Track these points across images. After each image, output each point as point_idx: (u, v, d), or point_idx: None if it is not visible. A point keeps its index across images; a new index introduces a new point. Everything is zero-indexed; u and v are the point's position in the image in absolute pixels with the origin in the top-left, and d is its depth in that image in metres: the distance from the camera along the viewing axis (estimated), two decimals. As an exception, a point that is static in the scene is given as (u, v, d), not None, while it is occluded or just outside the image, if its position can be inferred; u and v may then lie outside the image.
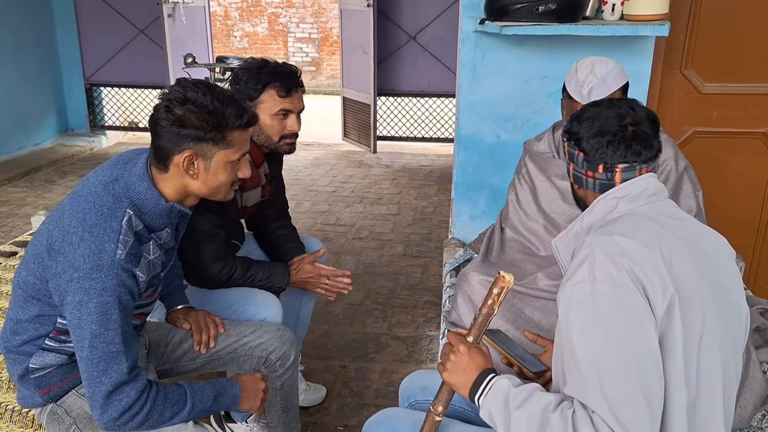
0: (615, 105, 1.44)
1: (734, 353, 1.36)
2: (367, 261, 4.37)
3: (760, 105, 2.89)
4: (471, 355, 1.44)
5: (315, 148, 7.44)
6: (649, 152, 1.40)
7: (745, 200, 3.02)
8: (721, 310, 1.32)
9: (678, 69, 2.87)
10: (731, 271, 1.40)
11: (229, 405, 1.85)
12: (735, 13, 2.78)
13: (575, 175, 1.49)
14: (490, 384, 1.38)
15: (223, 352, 2.12)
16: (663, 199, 1.42)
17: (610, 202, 1.41)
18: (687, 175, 2.22)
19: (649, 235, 1.30)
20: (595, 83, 2.07)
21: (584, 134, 1.43)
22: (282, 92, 2.23)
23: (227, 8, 12.35)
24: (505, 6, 2.50)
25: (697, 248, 1.34)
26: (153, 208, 1.67)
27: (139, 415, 1.63)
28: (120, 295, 1.58)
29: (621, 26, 2.47)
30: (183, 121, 1.61)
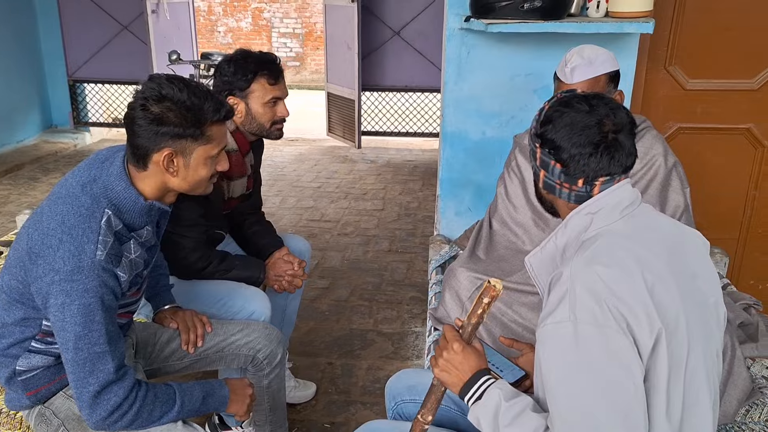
0: (595, 108, 1.31)
1: (717, 363, 1.35)
2: (352, 257, 4.37)
3: (743, 101, 2.91)
4: (465, 354, 1.40)
5: (300, 143, 7.43)
6: (630, 160, 1.33)
7: (728, 195, 3.04)
8: (704, 323, 1.31)
9: (662, 65, 2.89)
10: (708, 273, 1.38)
11: (217, 406, 1.85)
12: (718, 10, 2.80)
13: (547, 183, 1.39)
14: (483, 389, 1.35)
15: (211, 351, 2.11)
16: (638, 207, 1.36)
17: (585, 218, 1.33)
18: (675, 171, 2.23)
19: (629, 259, 1.24)
20: (580, 63, 2.05)
21: (563, 144, 1.32)
22: (272, 80, 2.27)
23: (211, 3, 12.29)
24: (491, 3, 2.49)
25: (676, 259, 1.30)
26: (132, 207, 1.65)
27: (128, 414, 1.62)
28: (102, 296, 1.57)
29: (606, 23, 2.48)
30: (161, 119, 1.59)
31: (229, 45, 12.31)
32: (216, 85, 2.29)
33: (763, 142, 2.94)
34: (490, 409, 1.31)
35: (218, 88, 2.27)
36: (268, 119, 2.31)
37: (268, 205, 5.30)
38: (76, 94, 7.41)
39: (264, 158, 6.88)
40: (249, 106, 2.28)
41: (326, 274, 4.11)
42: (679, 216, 2.18)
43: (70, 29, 7.14)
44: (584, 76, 2.05)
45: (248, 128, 2.32)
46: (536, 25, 2.46)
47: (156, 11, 6.78)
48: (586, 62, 2.04)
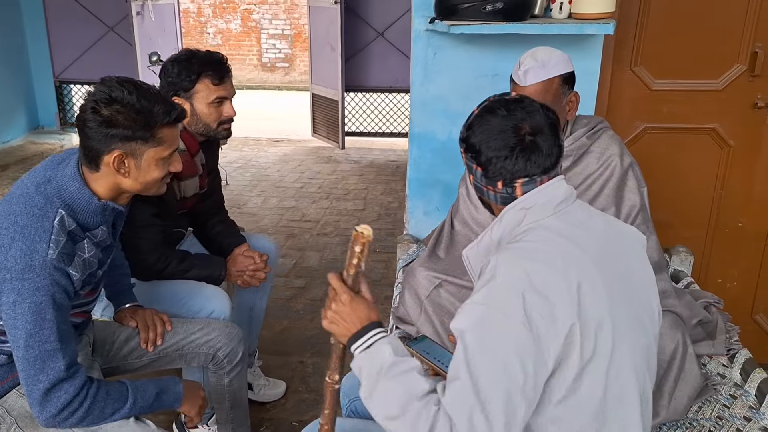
0: (511, 112, 1.36)
1: (649, 358, 1.38)
2: (330, 257, 4.40)
3: (709, 101, 2.94)
4: (353, 305, 1.40)
5: (284, 144, 7.45)
6: (549, 161, 1.36)
7: (695, 194, 3.07)
8: (634, 320, 1.34)
9: (628, 66, 2.91)
10: (643, 271, 1.42)
11: (171, 403, 1.88)
12: (683, 11, 2.82)
13: (475, 185, 1.45)
14: (372, 341, 1.36)
15: (171, 349, 2.13)
16: (572, 204, 1.39)
17: (518, 213, 1.37)
18: (632, 171, 2.25)
19: (556, 254, 1.28)
20: (533, 65, 2.08)
21: (481, 148, 1.37)
22: (216, 80, 2.28)
23: (200, 5, 12.31)
24: (454, 5, 2.52)
25: (607, 256, 1.34)
26: (86, 207, 1.68)
27: (78, 411, 1.65)
28: (54, 295, 1.60)
29: (567, 25, 2.50)
30: (111, 122, 1.62)
31: (218, 46, 12.31)
32: (162, 86, 2.31)
33: (728, 142, 2.97)
34: (377, 362, 1.32)
35: (164, 90, 2.29)
36: (213, 119, 2.33)
37: (250, 206, 5.33)
38: (62, 95, 7.43)
39: (248, 159, 6.93)
40: (194, 107, 2.30)
41: (303, 273, 4.13)
42: (635, 215, 2.21)
43: (57, 31, 7.16)
44: (537, 78, 2.08)
45: (194, 129, 2.34)
46: (498, 26, 2.49)
47: (141, 13, 6.78)
48: (539, 65, 2.07)
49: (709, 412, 2.01)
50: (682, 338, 2.00)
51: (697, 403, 2.04)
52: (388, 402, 1.27)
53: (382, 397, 1.29)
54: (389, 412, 1.27)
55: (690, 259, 2.87)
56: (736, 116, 2.94)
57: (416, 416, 1.22)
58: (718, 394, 2.08)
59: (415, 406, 1.23)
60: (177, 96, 2.28)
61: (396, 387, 1.28)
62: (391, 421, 1.27)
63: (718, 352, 2.23)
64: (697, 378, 1.98)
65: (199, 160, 2.43)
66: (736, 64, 2.88)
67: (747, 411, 2.00)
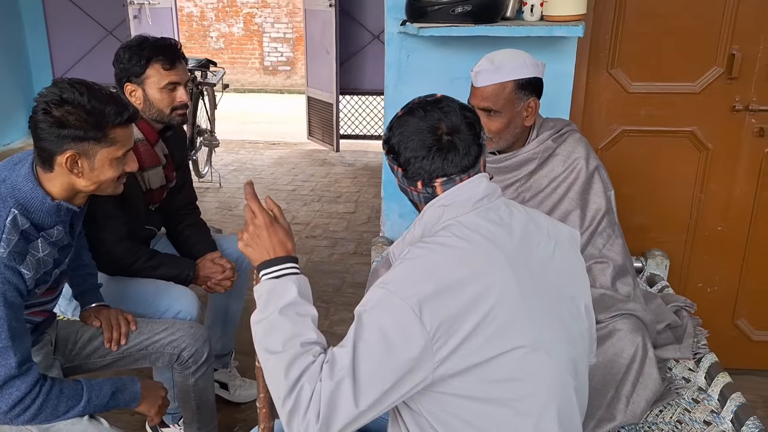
0: (428, 113, 1.39)
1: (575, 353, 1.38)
2: (316, 259, 4.40)
3: (686, 104, 2.92)
4: (270, 230, 1.42)
5: (280, 147, 7.47)
6: (467, 160, 1.38)
7: (674, 198, 3.05)
8: (551, 315, 1.35)
9: (605, 68, 2.89)
10: (570, 269, 1.44)
11: (128, 402, 1.89)
12: (659, 13, 2.80)
13: (400, 187, 1.47)
14: (282, 273, 1.38)
15: (134, 349, 2.15)
16: (495, 200, 1.41)
17: (437, 210, 1.39)
18: (598, 174, 2.24)
19: (469, 251, 1.30)
20: (486, 68, 2.09)
21: (400, 149, 1.40)
22: (167, 65, 2.27)
23: (203, 9, 12.35)
24: (423, 7, 2.52)
25: (524, 253, 1.36)
26: (39, 207, 1.71)
27: (30, 409, 1.67)
28: (5, 293, 1.62)
29: (536, 27, 2.49)
30: (62, 123, 1.64)
31: (221, 50, 12.36)
32: (115, 74, 2.31)
33: (707, 145, 2.95)
34: (279, 296, 1.35)
35: (117, 76, 2.30)
36: (166, 105, 2.32)
37: (241, 208, 5.34)
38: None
39: (243, 161, 6.95)
40: (146, 93, 2.29)
41: (289, 276, 4.12)
42: (600, 218, 2.20)
43: (56, 34, 7.21)
44: (487, 81, 2.08)
45: (149, 115, 2.34)
46: (467, 28, 2.48)
47: (138, 17, 6.81)
48: (494, 68, 2.07)
49: (669, 416, 2.00)
50: (642, 342, 1.98)
51: (657, 407, 2.03)
52: (274, 336, 1.30)
53: (270, 329, 1.32)
54: (271, 345, 1.30)
55: (666, 263, 2.87)
56: (715, 119, 2.92)
57: (292, 358, 1.26)
58: (680, 398, 2.07)
59: (295, 350, 1.27)
60: (129, 82, 2.29)
61: (286, 325, 1.31)
62: (268, 353, 1.30)
63: (684, 356, 2.22)
64: (657, 382, 1.97)
65: (161, 150, 2.43)
66: (714, 67, 2.85)
67: (708, 415, 1.99)
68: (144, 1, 6.71)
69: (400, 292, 1.24)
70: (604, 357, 1.98)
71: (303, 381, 1.23)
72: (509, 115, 2.11)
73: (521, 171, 2.25)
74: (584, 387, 1.46)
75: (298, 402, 1.22)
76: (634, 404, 1.95)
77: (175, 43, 2.35)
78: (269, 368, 1.29)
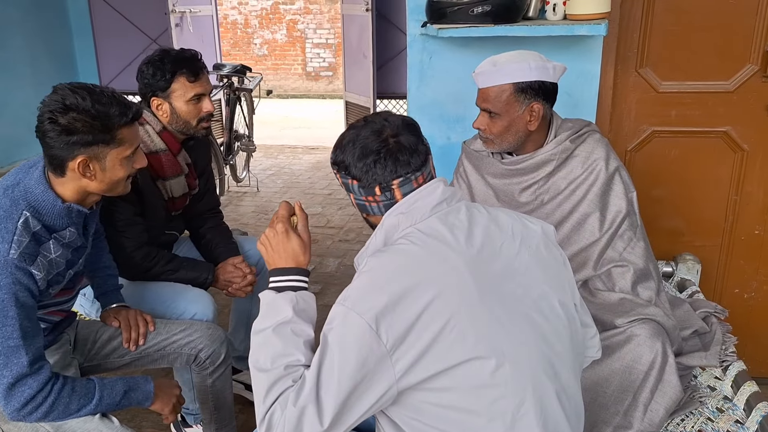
0: (369, 122, 1.41)
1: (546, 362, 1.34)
2: (348, 263, 4.39)
3: (720, 103, 2.83)
4: (284, 238, 1.46)
5: (319, 151, 7.50)
6: (417, 158, 1.39)
7: (709, 201, 2.95)
8: (519, 319, 1.32)
9: (633, 67, 2.82)
10: (536, 266, 1.40)
11: (141, 400, 1.91)
12: (689, 9, 2.72)
13: (359, 205, 1.47)
14: (284, 285, 1.41)
15: (152, 349, 2.17)
16: (454, 203, 1.40)
17: (396, 218, 1.39)
18: (618, 175, 2.18)
19: (425, 258, 1.30)
20: (486, 70, 2.06)
21: (350, 161, 1.40)
22: (191, 77, 2.29)
23: (247, 17, 12.51)
24: (443, 8, 2.49)
25: (486, 257, 1.34)
26: (50, 209, 1.74)
27: (42, 406, 1.71)
28: (16, 293, 1.65)
29: (556, 26, 2.45)
30: (70, 130, 1.66)
31: (264, 57, 12.51)
32: (139, 89, 2.34)
33: (741, 146, 2.85)
34: (276, 310, 1.37)
35: (142, 91, 2.32)
36: (193, 116, 2.35)
37: (276, 212, 5.37)
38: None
39: (281, 166, 7.01)
40: (173, 106, 2.31)
41: (320, 279, 4.14)
42: (621, 220, 2.13)
43: (102, 44, 7.36)
44: (485, 83, 2.06)
45: (175, 127, 2.37)
46: (486, 29, 2.45)
47: (180, 25, 6.93)
48: (494, 69, 2.04)
49: (690, 425, 1.93)
50: (661, 348, 1.92)
51: (679, 415, 1.97)
52: (265, 352, 1.33)
53: (263, 343, 1.35)
54: (260, 362, 1.33)
55: (698, 267, 2.78)
56: (750, 119, 2.82)
57: (276, 380, 1.29)
58: (704, 406, 2.00)
59: (278, 372, 1.30)
60: (155, 96, 2.31)
61: (277, 343, 1.33)
62: (257, 370, 1.33)
63: (711, 364, 2.14)
64: (676, 389, 1.90)
65: (183, 159, 2.46)
66: (748, 64, 2.76)
67: (732, 425, 1.92)
68: (185, 9, 6.81)
69: (356, 308, 1.25)
70: (622, 363, 1.93)
71: (276, 405, 1.26)
72: (509, 117, 2.07)
73: (539, 173, 2.20)
74: (572, 389, 1.40)
75: (270, 426, 1.26)
76: (652, 412, 1.89)
77: (196, 54, 2.37)
78: (255, 386, 1.33)
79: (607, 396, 1.93)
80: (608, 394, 1.93)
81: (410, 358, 1.22)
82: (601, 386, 1.93)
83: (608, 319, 2.00)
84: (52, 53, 7.15)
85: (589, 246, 2.14)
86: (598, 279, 2.13)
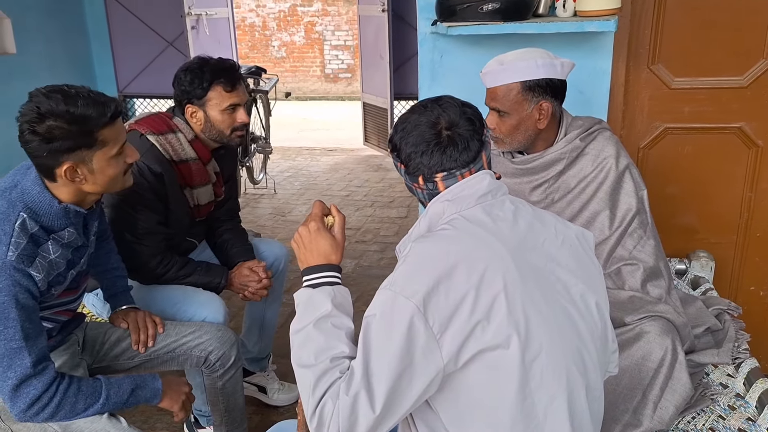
0: (428, 109, 1.41)
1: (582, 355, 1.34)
2: (365, 264, 4.40)
3: (734, 99, 2.80)
4: (317, 236, 1.45)
5: (337, 153, 7.52)
6: (467, 155, 1.39)
7: (723, 198, 2.92)
8: (558, 314, 1.32)
9: (645, 64, 2.80)
10: (577, 266, 1.40)
11: (149, 398, 1.92)
12: (702, 5, 2.70)
13: (407, 186, 1.49)
14: (319, 281, 1.41)
15: (162, 351, 2.18)
16: (499, 197, 1.41)
17: (441, 205, 1.40)
18: (629, 173, 2.17)
19: (471, 244, 1.30)
20: (493, 69, 2.06)
21: (402, 146, 1.41)
22: (228, 87, 2.31)
23: (265, 19, 12.57)
24: (453, 6, 2.50)
25: (528, 250, 1.34)
26: (48, 210, 1.74)
27: (49, 406, 1.71)
28: (16, 295, 1.66)
29: (566, 23, 2.44)
30: (49, 138, 1.64)
31: (283, 59, 12.56)
32: (175, 95, 2.35)
33: (756, 142, 2.82)
34: (314, 306, 1.37)
35: (177, 98, 2.34)
36: (227, 126, 2.36)
37: (294, 213, 5.40)
38: (126, 107, 7.69)
39: (299, 168, 7.03)
40: (207, 114, 2.33)
41: (335, 280, 4.14)
42: (630, 219, 2.12)
43: (120, 47, 7.42)
44: (493, 82, 2.06)
45: (208, 135, 2.38)
46: (495, 26, 2.45)
47: (196, 27, 6.98)
48: (501, 68, 2.04)
49: (701, 423, 1.92)
50: (671, 345, 1.91)
51: (690, 413, 1.95)
52: (307, 349, 1.32)
53: (304, 341, 1.34)
54: (303, 358, 1.32)
55: (711, 265, 2.76)
56: (764, 114, 2.79)
57: (322, 374, 1.28)
58: (716, 404, 1.98)
59: (325, 365, 1.29)
60: (190, 104, 2.33)
61: (319, 338, 1.32)
62: (301, 367, 1.32)
63: (723, 361, 2.13)
64: (687, 387, 1.89)
65: (212, 168, 2.47)
66: (762, 59, 2.73)
67: (743, 423, 1.90)
68: (201, 12, 6.86)
69: (404, 291, 1.25)
70: (632, 360, 1.92)
71: (326, 398, 1.25)
72: (518, 116, 2.06)
73: (549, 171, 2.19)
74: (597, 390, 1.40)
75: (322, 419, 1.25)
76: (662, 410, 1.88)
77: (233, 65, 2.38)
78: (301, 383, 1.32)
79: (617, 393, 1.92)
80: (618, 392, 1.92)
81: (457, 342, 1.23)
82: (611, 384, 1.92)
83: (618, 316, 1.98)
84: (70, 58, 7.23)
85: (598, 244, 2.13)
86: (607, 277, 2.12)
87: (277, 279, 2.74)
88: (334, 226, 1.51)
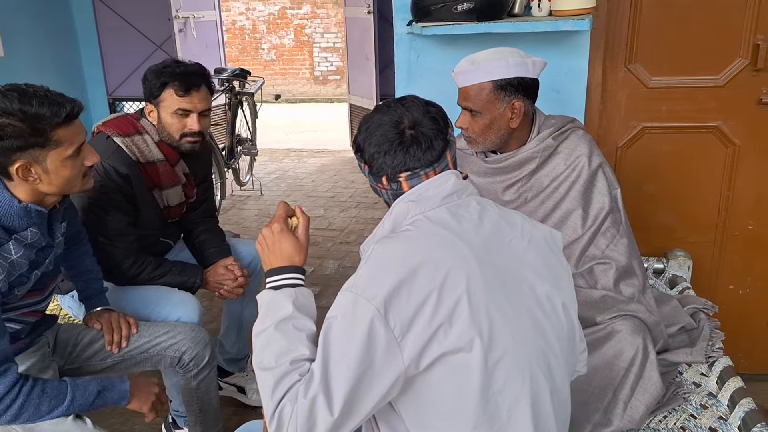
0: (391, 109, 1.40)
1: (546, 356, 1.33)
2: (347, 264, 4.40)
3: (710, 98, 2.80)
4: (280, 238, 1.45)
5: (324, 155, 7.52)
6: (431, 154, 1.37)
7: (700, 197, 2.92)
8: (522, 314, 1.31)
9: (622, 64, 2.80)
10: (543, 265, 1.38)
11: (117, 400, 1.90)
12: (678, 3, 2.70)
13: (372, 187, 1.48)
14: (282, 284, 1.40)
15: (135, 352, 2.17)
16: (465, 197, 1.39)
17: (405, 205, 1.38)
18: (602, 172, 2.17)
19: (433, 244, 1.29)
20: (465, 69, 2.06)
21: (365, 146, 1.40)
22: (180, 91, 2.29)
23: (255, 22, 12.55)
24: (427, 6, 2.49)
25: (493, 250, 1.33)
26: (7, 211, 1.72)
27: (11, 409, 1.70)
28: None
29: (540, 22, 2.44)
30: (1, 135, 1.61)
31: (272, 62, 12.54)
32: (143, 91, 2.35)
33: (733, 141, 2.83)
34: (276, 308, 1.36)
35: (144, 95, 2.34)
36: (176, 130, 2.35)
37: (279, 216, 5.38)
38: (115, 111, 7.66)
39: (286, 169, 7.01)
40: (160, 115, 2.33)
41: (319, 281, 4.14)
42: (603, 217, 2.12)
43: (109, 51, 7.40)
44: (465, 82, 2.07)
45: (162, 136, 2.37)
46: (469, 26, 2.45)
47: (183, 30, 6.96)
48: (473, 68, 2.04)
49: (673, 422, 1.92)
50: (642, 344, 1.90)
51: (662, 412, 1.95)
52: (268, 351, 1.31)
53: (265, 343, 1.32)
54: (264, 361, 1.30)
55: (689, 264, 2.76)
56: (741, 113, 2.79)
57: (281, 376, 1.27)
58: (687, 403, 1.98)
59: (285, 366, 1.27)
60: (149, 102, 2.34)
61: (280, 340, 1.31)
62: (261, 370, 1.30)
63: (696, 360, 2.12)
64: (657, 386, 1.88)
65: (181, 170, 2.46)
66: (738, 58, 2.73)
67: (715, 422, 1.90)
68: (189, 15, 6.85)
69: (365, 293, 1.23)
70: (603, 359, 1.91)
71: (285, 401, 1.25)
72: (490, 115, 2.06)
73: (522, 171, 2.19)
74: (563, 393, 1.39)
75: (281, 422, 1.24)
76: (632, 409, 1.87)
77: (198, 71, 2.35)
78: (261, 385, 1.31)
79: (588, 393, 1.91)
80: (589, 391, 1.91)
81: (418, 345, 1.21)
82: (582, 383, 1.91)
83: (589, 315, 1.98)
84: (58, 61, 7.19)
85: (571, 243, 2.13)
86: (579, 276, 2.12)
87: (254, 279, 2.73)
88: (298, 227, 1.50)
